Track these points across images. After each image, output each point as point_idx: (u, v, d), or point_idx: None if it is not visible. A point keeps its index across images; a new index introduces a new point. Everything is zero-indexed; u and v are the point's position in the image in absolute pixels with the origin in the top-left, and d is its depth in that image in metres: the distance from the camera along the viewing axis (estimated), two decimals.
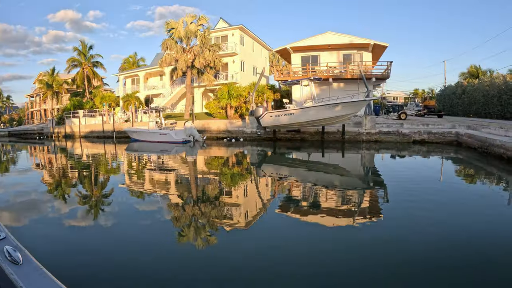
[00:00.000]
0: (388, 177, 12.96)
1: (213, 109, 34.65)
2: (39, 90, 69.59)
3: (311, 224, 7.57)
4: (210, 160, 20.08)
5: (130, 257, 5.96)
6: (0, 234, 2.74)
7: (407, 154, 18.94)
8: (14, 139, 54.53)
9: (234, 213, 8.80)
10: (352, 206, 8.96)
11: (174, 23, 37.08)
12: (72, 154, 28.23)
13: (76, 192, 12.89)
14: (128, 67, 61.44)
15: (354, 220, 7.62)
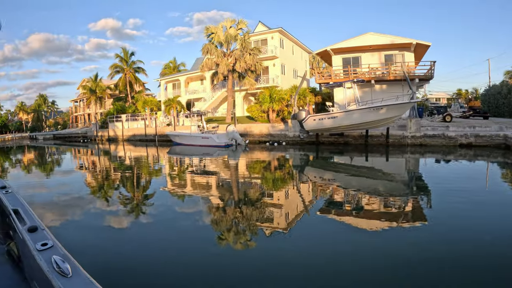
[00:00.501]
0: (432, 183, 12.86)
1: (255, 113, 35.18)
2: (83, 95, 73.14)
3: (352, 229, 7.65)
4: (252, 163, 20.23)
5: (174, 262, 6.19)
6: (47, 242, 2.75)
7: (452, 158, 18.59)
8: (59, 142, 57.86)
9: (275, 217, 8.91)
10: (395, 211, 8.97)
11: (213, 28, 38.07)
12: (115, 157, 29.81)
13: (119, 194, 13.66)
14: (169, 72, 63.64)
15: (396, 226, 7.60)
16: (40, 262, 2.38)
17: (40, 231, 3.03)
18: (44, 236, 2.89)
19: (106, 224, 8.89)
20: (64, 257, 2.41)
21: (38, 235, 2.94)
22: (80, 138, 54.98)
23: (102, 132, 49.98)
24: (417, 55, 34.07)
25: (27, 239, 2.84)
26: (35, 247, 2.64)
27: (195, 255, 6.42)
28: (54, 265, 2.27)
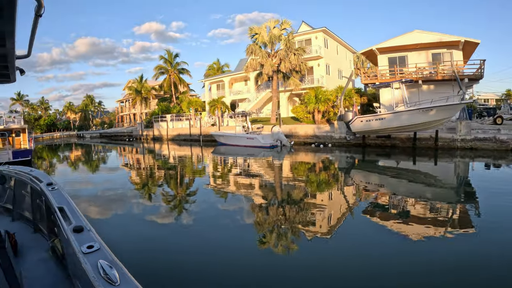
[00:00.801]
0: (482, 189, 12.35)
1: (300, 114, 35.14)
2: (129, 96, 75.93)
3: (397, 235, 7.56)
4: (297, 165, 20.16)
5: (216, 262, 6.35)
6: (93, 245, 2.65)
7: (504, 163, 17.81)
8: (105, 140, 60.71)
9: (317, 220, 8.91)
10: (442, 218, 8.74)
11: (257, 29, 38.55)
12: (159, 155, 30.93)
13: (162, 191, 14.27)
14: (212, 73, 65.20)
15: (443, 234, 7.39)
16: (85, 266, 2.32)
17: (86, 232, 3.00)
18: (90, 238, 2.84)
19: (151, 223, 9.26)
20: (111, 262, 2.32)
21: (83, 236, 2.90)
22: (125, 137, 57.38)
23: (147, 131, 51.83)
24: (465, 54, 32.91)
25: (72, 240, 2.80)
26: (80, 249, 2.58)
27: (238, 257, 6.61)
28: (101, 270, 2.20)
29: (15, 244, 5.00)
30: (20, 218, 6.74)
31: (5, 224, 6.17)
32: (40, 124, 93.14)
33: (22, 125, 33.20)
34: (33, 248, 5.12)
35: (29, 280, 3.98)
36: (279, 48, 38.17)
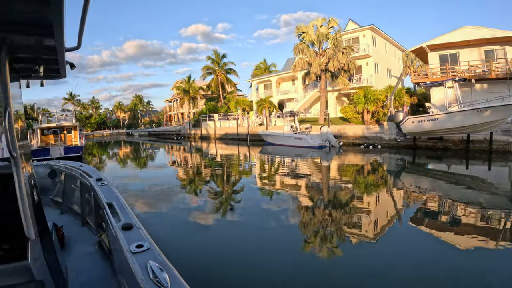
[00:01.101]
0: None
1: (348, 114, 34.84)
2: (177, 96, 78.42)
3: (446, 245, 7.27)
4: (345, 166, 19.87)
5: (263, 263, 6.48)
6: (143, 244, 2.57)
7: None
8: (153, 139, 62.97)
9: (363, 224, 8.81)
10: (495, 228, 8.31)
11: (304, 27, 38.62)
12: (206, 154, 31.84)
13: (209, 189, 14.77)
14: (259, 73, 66.33)
15: (495, 245, 7.06)
16: (133, 266, 2.25)
17: (135, 230, 2.94)
18: (139, 236, 2.77)
19: (197, 221, 9.65)
20: (161, 264, 2.23)
21: (132, 234, 2.84)
22: (173, 136, 59.40)
23: (195, 130, 53.42)
24: None
25: (120, 238, 2.75)
26: (128, 248, 2.52)
27: (283, 257, 6.70)
28: (150, 272, 2.11)
29: (62, 237, 5.22)
30: (68, 211, 7.08)
31: (54, 217, 6.43)
32: (91, 122, 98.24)
33: (74, 123, 35.16)
34: (80, 241, 5.34)
35: (74, 273, 4.14)
36: (327, 46, 38.10)
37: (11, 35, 2.48)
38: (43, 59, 3.08)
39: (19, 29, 2.41)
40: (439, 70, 32.22)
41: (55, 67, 3.41)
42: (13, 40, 2.59)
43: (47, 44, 2.75)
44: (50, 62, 3.19)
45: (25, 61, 3.16)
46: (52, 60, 3.13)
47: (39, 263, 2.82)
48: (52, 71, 3.64)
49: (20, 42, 2.68)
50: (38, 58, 3.06)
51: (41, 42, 2.71)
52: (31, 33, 2.46)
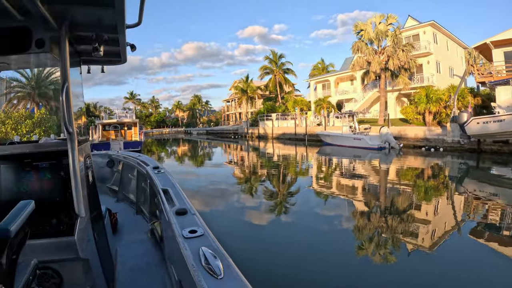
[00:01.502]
0: None
1: (409, 115, 34.06)
2: (235, 96, 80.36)
3: (509, 260, 6.79)
4: (404, 170, 19.19)
5: (314, 262, 6.61)
6: (197, 230, 2.48)
7: None
8: (211, 137, 65.07)
9: (420, 232, 8.48)
10: None
11: (362, 25, 38.27)
12: (263, 153, 32.42)
13: (264, 189, 15.03)
14: (317, 73, 66.76)
15: None
16: (184, 252, 2.14)
17: (189, 216, 2.85)
18: (193, 222, 2.68)
19: (251, 219, 9.95)
20: (215, 251, 2.10)
21: (186, 219, 2.75)
22: (231, 135, 61.01)
23: (252, 129, 54.59)
24: None
25: (173, 222, 2.67)
26: (181, 233, 2.43)
27: (334, 260, 6.79)
28: (202, 259, 2.00)
29: (115, 223, 5.42)
30: (124, 199, 7.38)
31: (110, 204, 6.49)
32: (151, 120, 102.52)
33: (134, 119, 37.18)
34: (132, 228, 5.52)
35: (123, 258, 4.28)
36: (386, 44, 37.48)
37: (72, 7, 2.50)
38: (104, 39, 3.04)
39: (79, 0, 2.42)
40: (504, 68, 30.83)
41: (115, 49, 3.43)
42: (73, 15, 2.61)
43: (107, 22, 2.78)
44: (110, 43, 3.17)
45: (85, 41, 3.13)
46: (112, 40, 3.12)
47: (86, 242, 2.88)
48: (112, 55, 3.68)
49: (80, 17, 2.68)
50: (98, 36, 2.99)
51: (101, 18, 2.74)
52: (91, 3, 2.47)
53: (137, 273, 3.88)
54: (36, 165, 2.93)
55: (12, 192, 2.89)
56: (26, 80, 44.33)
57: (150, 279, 3.76)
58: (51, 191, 2.90)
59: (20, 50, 2.67)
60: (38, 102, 44.71)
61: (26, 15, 2.45)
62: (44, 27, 2.57)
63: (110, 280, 3.44)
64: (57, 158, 2.93)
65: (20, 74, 43.80)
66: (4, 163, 2.96)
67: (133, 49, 3.58)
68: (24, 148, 3.04)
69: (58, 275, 2.81)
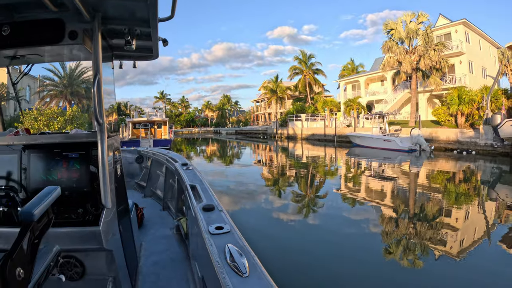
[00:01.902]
0: None
1: (441, 116, 32.97)
2: (264, 96, 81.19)
3: None
4: (435, 174, 18.86)
5: (340, 265, 6.73)
6: (223, 226, 2.47)
7: None
8: (240, 137, 65.89)
9: (449, 239, 8.36)
10: None
11: (392, 24, 37.80)
12: (292, 154, 32.69)
13: (292, 190, 15.20)
14: (347, 73, 66.86)
15: None
16: (210, 248, 2.14)
17: (216, 212, 2.86)
18: (220, 218, 2.69)
19: (277, 219, 10.08)
20: (241, 249, 2.09)
21: (213, 215, 2.77)
22: (260, 135, 61.57)
23: (281, 130, 55.03)
24: None
25: (200, 218, 2.69)
26: (207, 228, 2.44)
27: (360, 263, 6.84)
28: (228, 256, 1.99)
29: (142, 218, 5.53)
30: (151, 195, 7.55)
31: (137, 199, 6.64)
32: (181, 120, 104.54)
33: (164, 118, 38.16)
34: (158, 224, 5.61)
35: (147, 252, 4.38)
36: (417, 43, 36.86)
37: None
38: (136, 33, 3.07)
39: None
40: None
41: (148, 43, 3.44)
42: (106, 7, 2.64)
43: (139, 15, 2.80)
44: (142, 37, 3.21)
45: (118, 34, 3.18)
46: (145, 34, 3.15)
47: (111, 233, 2.90)
48: (145, 50, 3.70)
49: (113, 10, 2.71)
50: (131, 30, 3.02)
51: (134, 11, 2.76)
52: None
53: (160, 267, 3.98)
54: (66, 155, 3.00)
55: (41, 180, 2.96)
56: (58, 78, 46.11)
57: (173, 274, 3.83)
58: (79, 181, 2.95)
59: (53, 42, 2.72)
60: (71, 100, 46.23)
61: (60, 7, 2.56)
62: (77, 19, 2.63)
63: (133, 272, 3.54)
64: (87, 149, 3.00)
65: (53, 73, 45.38)
66: (34, 152, 3.04)
67: (165, 43, 3.58)
68: (54, 138, 3.11)
69: (81, 264, 2.90)
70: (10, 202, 2.79)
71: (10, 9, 2.62)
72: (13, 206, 2.77)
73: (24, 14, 2.67)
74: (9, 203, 2.79)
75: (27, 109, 36.01)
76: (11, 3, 2.56)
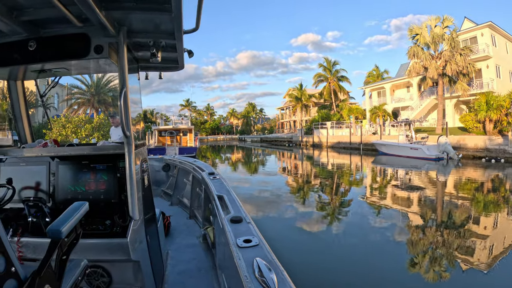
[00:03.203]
0: None
1: (468, 123, 32.52)
2: (289, 103, 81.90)
3: None
4: (463, 183, 18.41)
5: (367, 275, 6.70)
6: (252, 239, 2.47)
7: None
8: (265, 145, 66.32)
9: (477, 249, 8.20)
10: None
11: (417, 29, 37.56)
12: (317, 162, 32.70)
13: (317, 198, 15.35)
14: (372, 80, 66.72)
15: None
16: (238, 262, 2.14)
17: (244, 224, 2.86)
18: (248, 230, 2.68)
19: (301, 228, 10.10)
20: (270, 263, 2.07)
21: (241, 227, 2.77)
22: (285, 143, 62.05)
23: (307, 137, 55.35)
24: None
25: (228, 230, 2.69)
26: (235, 241, 2.44)
27: (387, 273, 6.81)
28: (256, 270, 1.98)
29: (168, 226, 5.61)
30: (178, 203, 7.64)
31: (163, 207, 6.64)
32: (206, 127, 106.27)
33: (189, 126, 38.89)
34: (185, 233, 5.66)
35: (174, 260, 4.43)
36: (443, 48, 36.58)
37: (129, 13, 2.56)
38: (161, 45, 3.13)
39: (136, 6, 2.48)
40: None
41: (173, 55, 3.47)
42: (131, 21, 2.68)
43: (164, 28, 2.84)
44: (168, 49, 3.26)
45: (143, 47, 3.23)
46: (170, 46, 3.20)
47: (138, 244, 2.93)
48: (170, 61, 3.74)
49: (138, 23, 2.76)
50: (156, 43, 3.08)
51: (159, 24, 2.79)
52: (149, 8, 2.52)
53: (186, 276, 4.03)
54: (94, 167, 3.10)
55: (69, 191, 3.07)
56: (86, 87, 47.87)
57: (199, 283, 3.88)
58: (107, 193, 3.04)
59: (79, 56, 2.77)
60: (98, 108, 47.59)
61: (85, 22, 2.61)
62: (102, 34, 2.69)
63: (160, 282, 3.61)
64: (114, 160, 3.08)
65: (80, 82, 47.22)
66: (62, 163, 3.16)
67: (191, 55, 3.61)
68: (82, 150, 3.18)
69: (108, 274, 2.98)
70: (39, 213, 2.92)
71: (36, 24, 2.71)
72: (41, 217, 2.90)
73: (49, 29, 2.78)
74: (37, 214, 2.91)
75: (55, 116, 37.25)
76: (37, 19, 2.65)
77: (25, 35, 2.74)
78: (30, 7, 2.49)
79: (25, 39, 2.75)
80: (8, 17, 2.45)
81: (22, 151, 3.30)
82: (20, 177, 3.13)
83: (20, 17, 2.55)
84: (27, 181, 3.15)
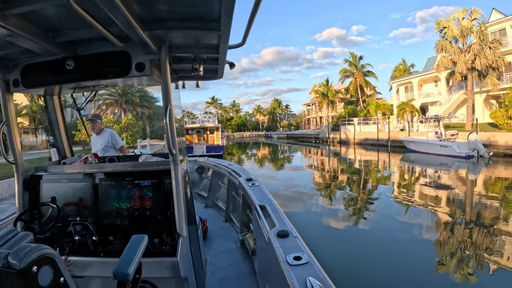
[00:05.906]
0: None
1: (499, 119, 31.53)
2: (315, 100, 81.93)
3: None
4: (494, 181, 18.27)
5: (396, 277, 6.67)
6: (302, 256, 2.39)
7: None
8: (291, 141, 67.20)
9: (506, 251, 8.00)
10: None
11: (445, 22, 36.72)
12: (345, 159, 32.97)
13: (343, 195, 15.40)
14: (399, 74, 65.60)
15: None
16: (290, 281, 2.10)
17: (291, 239, 2.78)
18: (296, 246, 2.61)
19: (328, 226, 10.23)
20: (323, 282, 2.02)
21: (288, 242, 2.70)
22: (312, 139, 62.13)
23: (333, 134, 55.48)
24: None
25: (276, 246, 2.63)
26: (285, 259, 2.37)
27: (415, 274, 6.83)
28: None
29: (206, 230, 5.60)
30: (213, 206, 7.59)
31: (198, 210, 6.48)
32: (232, 124, 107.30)
33: (216, 124, 39.95)
34: (222, 237, 5.62)
35: (213, 267, 4.39)
36: (471, 41, 35.75)
37: (172, 31, 2.53)
38: (203, 59, 3.08)
39: (181, 25, 2.45)
40: None
41: (213, 66, 3.42)
42: (172, 38, 2.67)
43: (208, 43, 2.81)
44: (209, 62, 3.20)
45: (183, 60, 3.22)
46: (211, 59, 3.14)
47: (187, 261, 2.96)
48: (209, 72, 3.67)
49: (180, 39, 2.74)
50: (197, 57, 3.04)
51: (204, 40, 2.76)
52: (194, 27, 2.48)
53: (226, 284, 4.01)
54: (138, 183, 3.04)
55: (114, 208, 3.05)
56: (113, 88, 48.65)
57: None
58: (153, 209, 2.99)
59: (120, 74, 2.74)
60: (125, 108, 48.44)
61: (126, 41, 2.59)
62: (143, 51, 2.66)
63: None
64: (159, 177, 3.03)
65: None
66: (105, 179, 3.12)
67: (232, 67, 3.58)
68: (124, 166, 3.20)
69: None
70: (85, 231, 2.91)
71: (73, 43, 2.70)
72: (88, 236, 2.91)
73: (87, 48, 2.77)
74: (84, 233, 2.91)
75: (84, 117, 37.65)
76: (75, 40, 2.65)
77: (62, 55, 2.75)
78: (67, 28, 2.51)
79: (62, 58, 2.77)
80: (44, 38, 2.46)
81: (63, 168, 3.38)
82: (63, 194, 3.16)
83: (57, 38, 2.57)
84: (70, 198, 3.16)
